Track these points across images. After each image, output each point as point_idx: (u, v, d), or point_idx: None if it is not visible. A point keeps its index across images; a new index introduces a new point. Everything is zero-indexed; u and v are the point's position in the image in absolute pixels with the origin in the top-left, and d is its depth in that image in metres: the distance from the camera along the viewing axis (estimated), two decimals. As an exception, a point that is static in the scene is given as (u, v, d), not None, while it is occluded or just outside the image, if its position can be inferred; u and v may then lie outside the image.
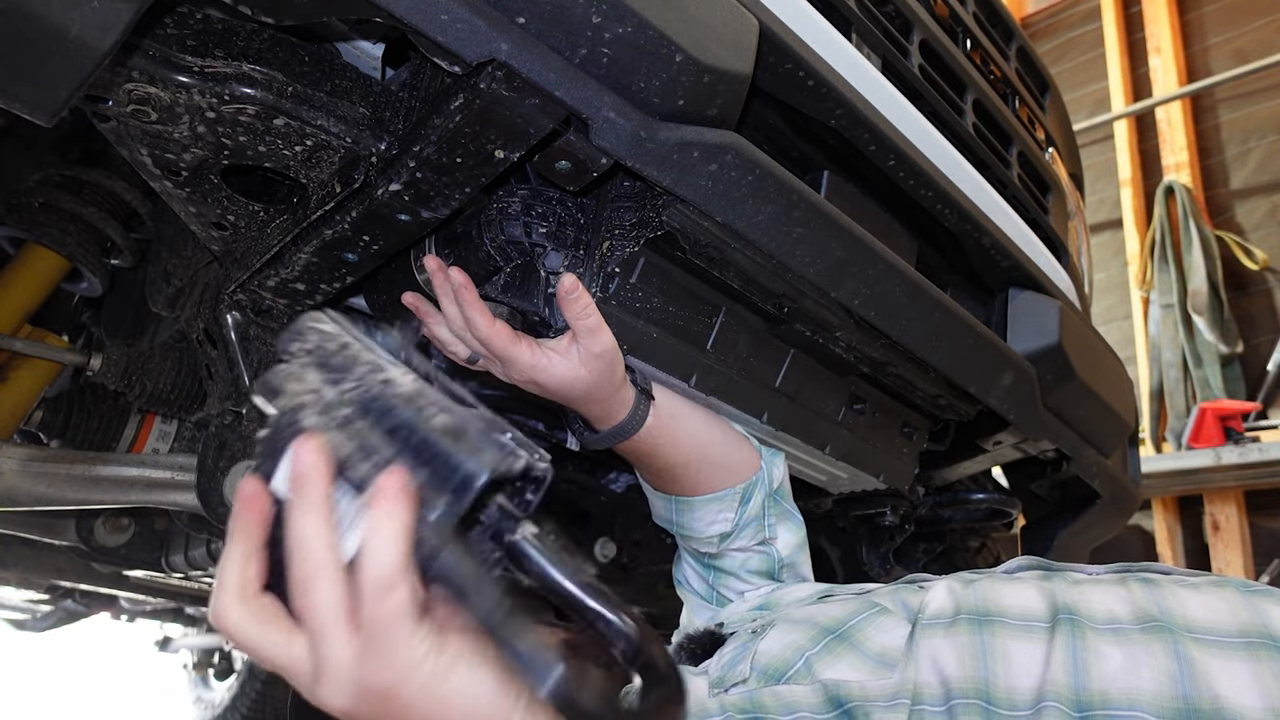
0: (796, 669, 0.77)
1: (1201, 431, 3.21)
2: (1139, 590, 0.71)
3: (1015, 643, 0.70)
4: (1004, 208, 1.21)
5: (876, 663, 0.74)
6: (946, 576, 0.86)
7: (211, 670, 3.66)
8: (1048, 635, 0.69)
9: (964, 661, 0.70)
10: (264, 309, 1.04)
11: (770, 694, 0.75)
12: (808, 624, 0.82)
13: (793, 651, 0.79)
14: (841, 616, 0.81)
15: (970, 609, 0.74)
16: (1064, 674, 0.66)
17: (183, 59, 0.75)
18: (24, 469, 1.08)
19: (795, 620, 0.84)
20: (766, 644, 0.81)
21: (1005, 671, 0.68)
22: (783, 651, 0.79)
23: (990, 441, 1.37)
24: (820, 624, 0.81)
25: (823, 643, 0.78)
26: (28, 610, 2.94)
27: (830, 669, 0.75)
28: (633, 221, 0.87)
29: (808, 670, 0.76)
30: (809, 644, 0.79)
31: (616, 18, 0.68)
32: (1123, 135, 4.17)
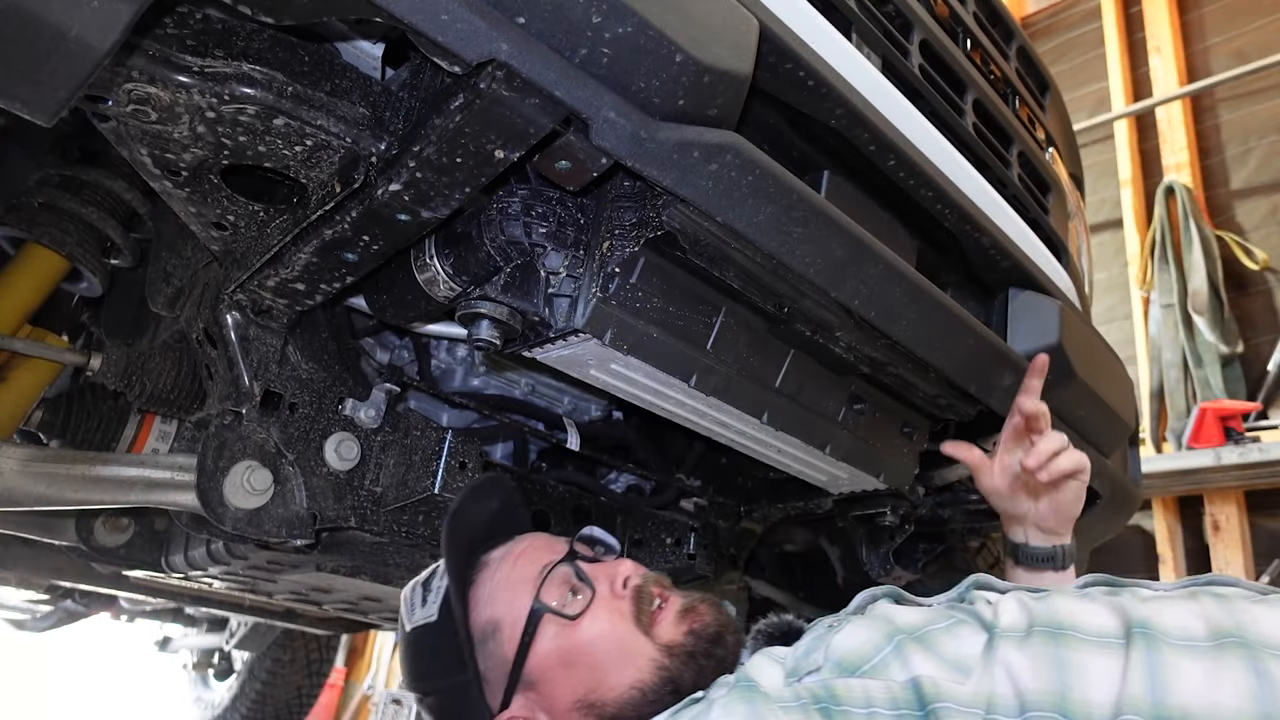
0: (873, 664, 0.77)
1: (1201, 431, 3.21)
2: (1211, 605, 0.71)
3: (1091, 657, 0.70)
4: (1004, 208, 1.21)
5: (953, 668, 0.74)
6: (1014, 590, 0.87)
7: (211, 670, 3.66)
8: (1123, 650, 0.69)
9: (1039, 674, 0.70)
10: (264, 309, 1.04)
11: (844, 685, 0.76)
12: (884, 622, 0.82)
13: (870, 647, 0.79)
14: (918, 621, 0.81)
15: (1044, 622, 0.74)
16: (1142, 688, 0.65)
17: (183, 59, 0.75)
18: (24, 469, 1.08)
19: (872, 618, 0.84)
20: (842, 637, 0.82)
21: (1082, 684, 0.68)
22: (859, 646, 0.80)
23: (990, 442, 1.37)
24: (897, 624, 0.81)
25: (897, 640, 0.79)
26: (28, 610, 2.94)
27: (905, 667, 0.75)
28: (633, 221, 0.87)
29: (883, 667, 0.76)
30: (885, 641, 0.79)
31: (616, 18, 0.68)
32: (1123, 135, 4.17)
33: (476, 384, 1.44)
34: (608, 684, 0.88)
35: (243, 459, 1.03)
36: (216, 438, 1.03)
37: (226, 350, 1.05)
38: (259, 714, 3.25)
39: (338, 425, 1.11)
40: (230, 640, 3.23)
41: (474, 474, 1.13)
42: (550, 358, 0.98)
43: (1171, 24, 4.18)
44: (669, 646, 0.89)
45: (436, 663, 0.94)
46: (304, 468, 1.08)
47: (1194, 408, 3.36)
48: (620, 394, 1.03)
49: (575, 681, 0.89)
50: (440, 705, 0.95)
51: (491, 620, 0.92)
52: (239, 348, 1.04)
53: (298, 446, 1.08)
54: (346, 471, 1.12)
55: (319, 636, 3.26)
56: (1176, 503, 3.53)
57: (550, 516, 1.37)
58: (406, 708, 5.03)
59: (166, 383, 1.24)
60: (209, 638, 3.43)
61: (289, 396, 1.08)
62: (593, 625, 0.89)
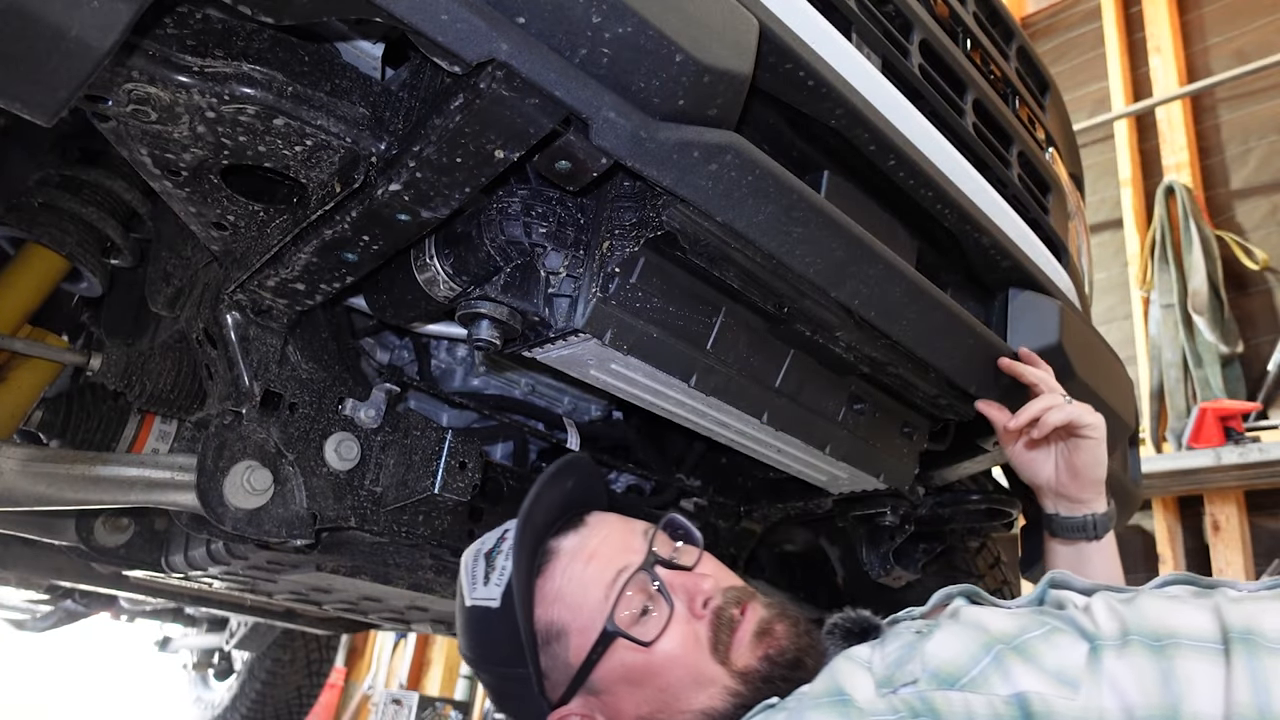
0: (971, 676, 0.74)
1: (1201, 431, 3.21)
2: None
3: (1195, 666, 0.68)
4: (1004, 208, 1.21)
5: (1056, 679, 0.72)
6: (1099, 590, 0.85)
7: (211, 670, 3.66)
8: (1224, 657, 0.68)
9: (1147, 689, 0.68)
10: (264, 309, 1.04)
11: (943, 698, 0.73)
12: (979, 630, 0.79)
13: (967, 658, 0.76)
14: (1013, 629, 0.79)
15: (1140, 630, 0.73)
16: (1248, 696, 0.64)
17: (182, 59, 0.75)
18: (24, 469, 1.08)
19: (964, 624, 0.81)
20: (935, 646, 0.78)
21: (1190, 697, 0.66)
22: (955, 656, 0.77)
23: (990, 441, 1.37)
24: (992, 633, 0.78)
25: (995, 650, 0.76)
26: (28, 610, 2.94)
27: (1007, 680, 0.72)
28: (633, 221, 0.87)
29: (983, 680, 0.73)
30: (982, 652, 0.76)
31: (616, 18, 0.68)
32: (1123, 135, 4.17)
33: (476, 384, 1.45)
34: (675, 707, 0.86)
35: (243, 459, 1.03)
36: (216, 438, 1.03)
37: (226, 350, 1.05)
38: (259, 714, 3.25)
39: (338, 425, 1.11)
40: (230, 640, 3.23)
41: (474, 474, 1.13)
42: (550, 358, 0.98)
43: (1171, 24, 4.18)
44: (744, 673, 0.86)
45: (496, 649, 0.92)
46: (304, 468, 1.08)
47: (1194, 408, 3.36)
48: (620, 394, 1.03)
49: (641, 699, 0.87)
50: (496, 686, 0.94)
51: (558, 624, 0.89)
52: (239, 348, 1.04)
53: (298, 446, 1.08)
54: (346, 471, 1.11)
55: (319, 636, 3.26)
56: (1176, 503, 3.53)
57: (550, 516, 1.37)
58: (406, 708, 5.03)
59: (166, 383, 1.24)
60: (209, 638, 3.43)
61: (289, 396, 1.08)
62: (667, 649, 0.86)
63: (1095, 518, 1.11)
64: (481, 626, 0.92)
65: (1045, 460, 1.13)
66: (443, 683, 5.77)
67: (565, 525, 0.97)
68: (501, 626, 0.89)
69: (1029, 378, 1.12)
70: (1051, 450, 1.13)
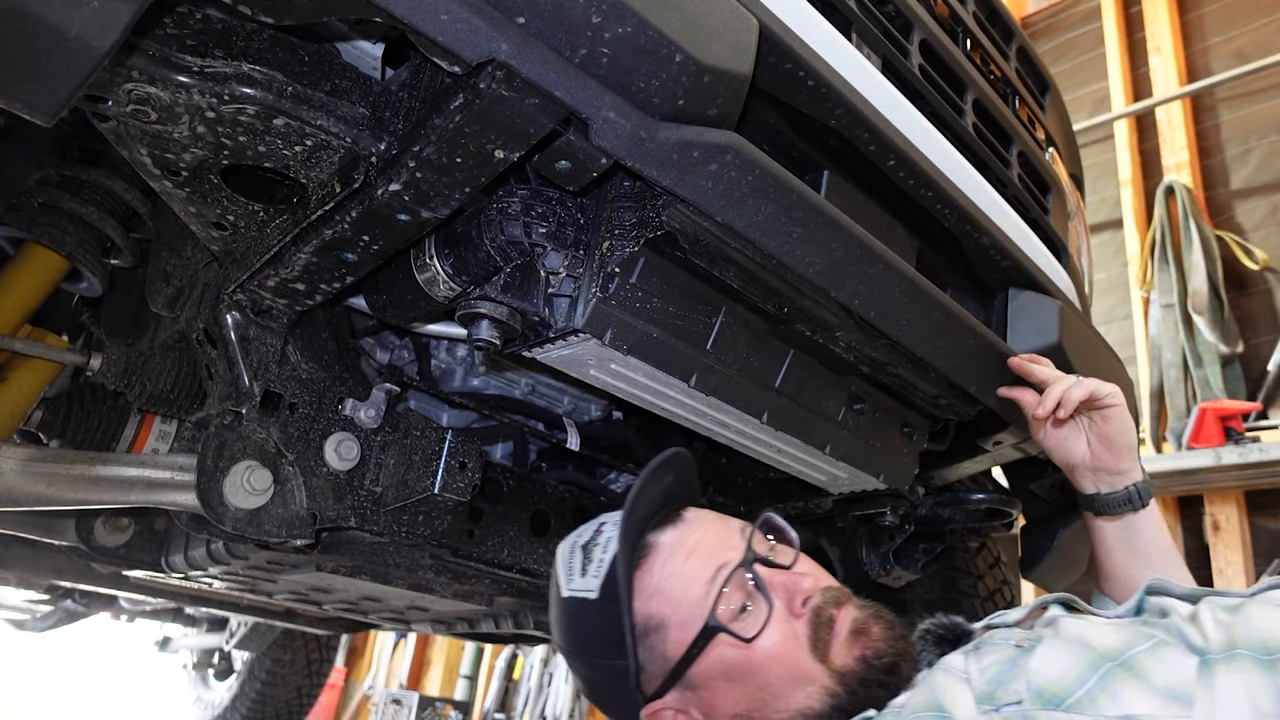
0: (1078, 697, 0.72)
1: (1201, 431, 3.21)
2: None
3: None
4: (1004, 208, 1.21)
5: (1167, 697, 0.69)
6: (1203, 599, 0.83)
7: (211, 670, 3.66)
8: None
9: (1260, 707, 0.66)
10: (264, 309, 1.04)
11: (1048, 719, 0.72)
12: (1081, 646, 0.78)
13: (1072, 677, 0.74)
14: (1117, 644, 0.77)
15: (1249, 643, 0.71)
16: None
17: (182, 59, 0.75)
18: (24, 469, 1.08)
19: (1066, 639, 0.80)
20: (1039, 663, 0.77)
21: None
22: (1060, 675, 0.75)
23: (990, 441, 1.37)
24: (1097, 649, 0.77)
25: (1103, 669, 0.74)
26: (28, 610, 2.94)
27: (1115, 701, 0.71)
28: (633, 221, 0.87)
29: (1090, 701, 0.72)
30: (1088, 671, 0.74)
31: (616, 18, 0.68)
32: (1123, 135, 4.17)
33: (476, 384, 1.45)
34: (774, 705, 0.86)
35: (243, 459, 1.03)
36: (216, 438, 1.03)
37: (226, 350, 1.05)
38: (259, 714, 3.25)
39: (338, 425, 1.11)
40: (230, 640, 3.23)
41: (474, 474, 1.13)
42: (550, 358, 0.98)
43: (1171, 24, 4.18)
44: (841, 673, 0.85)
45: (593, 640, 0.92)
46: (304, 468, 1.08)
47: (1194, 408, 3.36)
48: (620, 394, 1.03)
49: (739, 696, 0.87)
50: (590, 676, 0.94)
51: (658, 617, 0.89)
52: (239, 348, 1.04)
53: (298, 446, 1.08)
54: (346, 471, 1.11)
55: (319, 636, 3.26)
56: (1176, 503, 3.53)
57: (550, 516, 1.37)
58: (406, 708, 5.03)
59: (166, 383, 1.24)
60: (209, 638, 3.43)
61: (289, 396, 1.08)
62: (767, 646, 0.86)
63: (1137, 486, 1.09)
64: (578, 617, 0.93)
65: (1077, 439, 1.12)
66: (443, 683, 5.77)
67: (663, 520, 0.97)
68: (599, 617, 0.90)
69: (1039, 375, 1.12)
70: (1080, 428, 1.12)
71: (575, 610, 0.93)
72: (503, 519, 1.31)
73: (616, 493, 1.54)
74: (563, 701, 4.88)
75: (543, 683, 5.10)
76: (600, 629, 0.90)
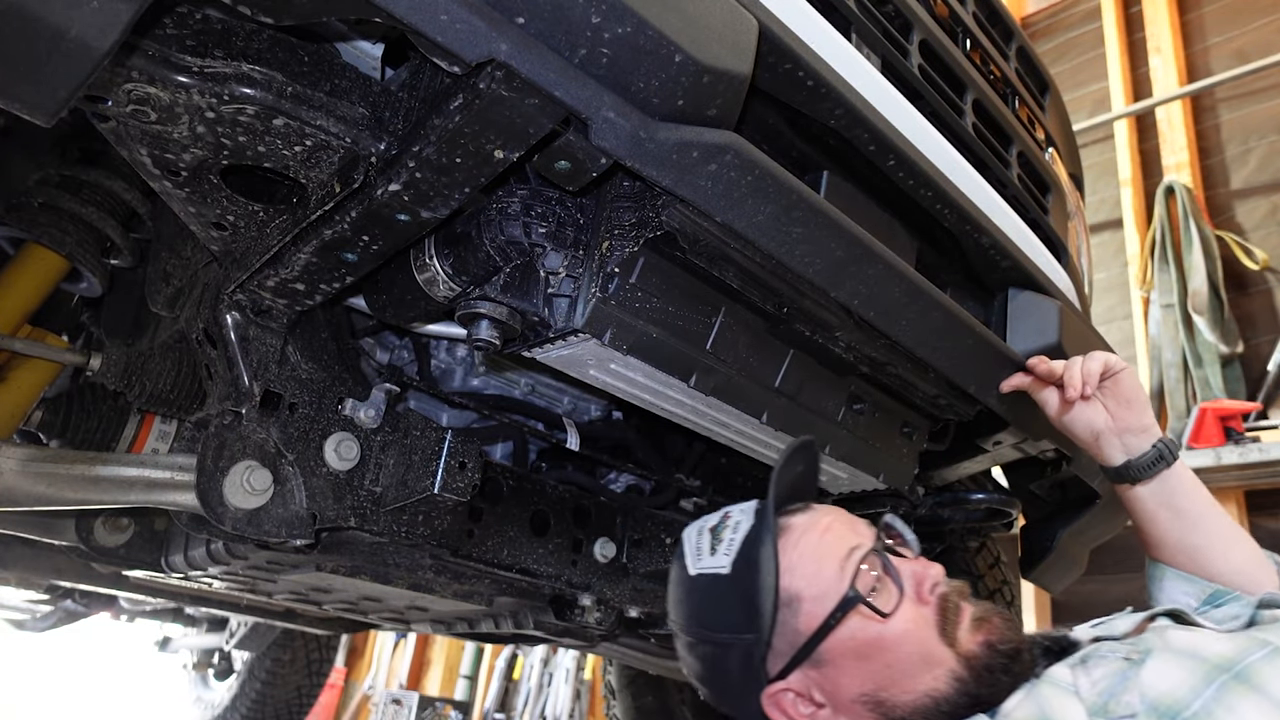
0: (1194, 710, 0.72)
1: (1201, 431, 3.21)
2: None
3: None
4: (1004, 208, 1.21)
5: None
6: None
7: (211, 670, 3.66)
8: None
9: None
10: (264, 309, 1.04)
11: None
12: (1194, 659, 0.78)
13: (1187, 690, 0.74)
14: (1231, 654, 0.77)
15: None
16: None
17: (182, 59, 0.75)
18: (24, 469, 1.08)
19: (1177, 651, 0.80)
20: (1152, 676, 0.77)
21: None
22: (1174, 689, 0.75)
23: (990, 441, 1.37)
24: (1210, 660, 0.77)
25: (1217, 682, 0.74)
26: (28, 610, 2.94)
27: (1233, 714, 0.71)
28: (632, 221, 0.87)
29: (1207, 714, 0.72)
30: (1202, 684, 0.74)
31: (616, 18, 0.68)
32: (1123, 135, 4.17)
33: (476, 384, 1.45)
34: (902, 686, 0.87)
35: (242, 459, 1.03)
36: (216, 438, 1.03)
37: (226, 350, 1.05)
38: (259, 714, 3.25)
39: (337, 425, 1.11)
40: (230, 640, 3.23)
41: (473, 474, 1.13)
42: (550, 358, 0.98)
43: (1171, 24, 4.18)
44: (968, 657, 0.87)
45: (721, 615, 0.93)
46: (304, 468, 1.08)
47: (1194, 408, 3.36)
48: (620, 394, 1.03)
49: (867, 675, 0.88)
50: (711, 655, 0.95)
51: (792, 591, 0.90)
52: (239, 348, 1.04)
53: (297, 446, 1.08)
54: (346, 471, 1.11)
55: (319, 636, 3.26)
56: (1176, 503, 3.53)
57: (550, 516, 1.37)
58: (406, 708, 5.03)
59: (166, 383, 1.24)
60: (209, 638, 3.43)
61: (289, 396, 1.08)
62: (899, 625, 0.87)
63: (1164, 441, 1.09)
64: (707, 594, 0.94)
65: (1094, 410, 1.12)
66: (443, 683, 5.77)
67: (792, 508, 0.99)
68: (730, 593, 0.91)
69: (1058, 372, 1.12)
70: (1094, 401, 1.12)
71: (705, 586, 0.94)
72: (503, 519, 1.31)
73: (616, 492, 1.54)
74: (563, 701, 4.88)
75: (543, 683, 5.09)
76: (730, 603, 0.91)
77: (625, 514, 1.49)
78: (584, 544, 1.41)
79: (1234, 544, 1.05)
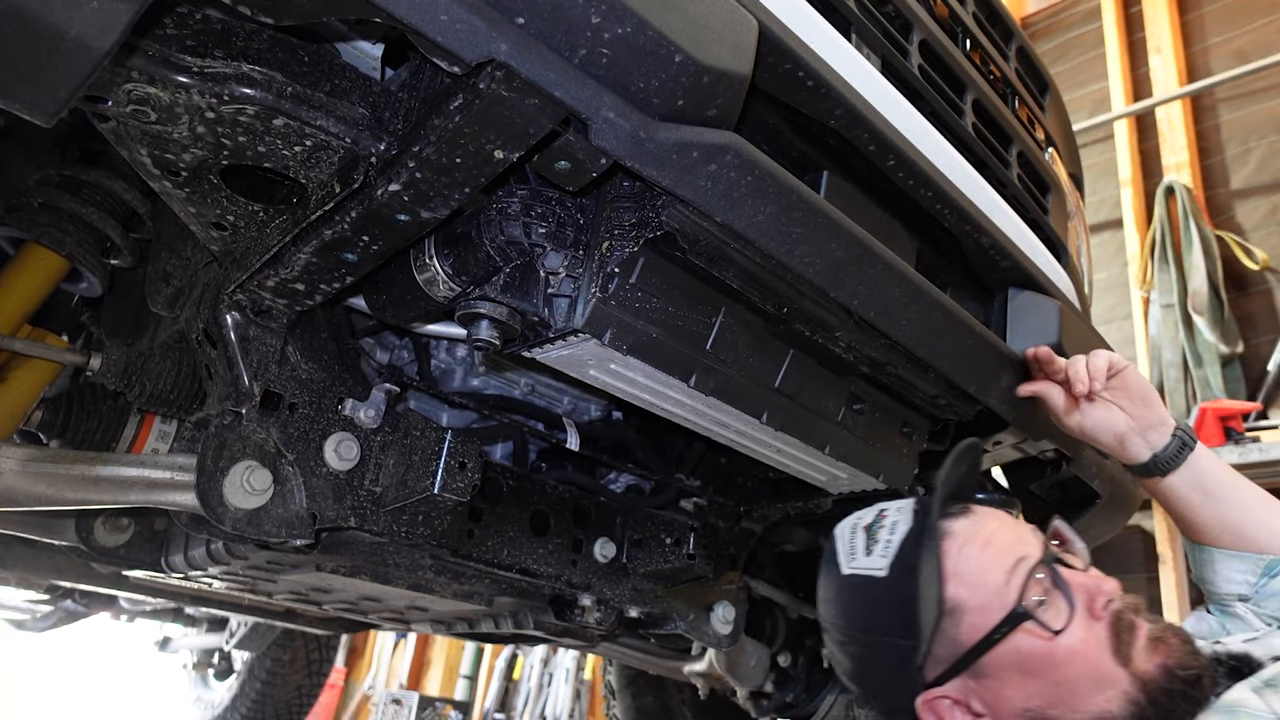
0: None
1: (1201, 431, 3.21)
2: None
3: None
4: (1004, 208, 1.21)
5: None
6: None
7: (211, 670, 3.66)
8: None
9: None
10: (264, 309, 1.04)
11: None
12: None
13: None
14: None
15: None
16: None
17: (182, 59, 0.75)
18: (24, 469, 1.08)
19: None
20: None
21: None
22: None
23: (990, 441, 1.37)
24: None
25: None
26: (28, 610, 2.94)
27: None
28: (632, 221, 0.87)
29: None
30: None
31: (616, 18, 0.68)
32: (1123, 135, 4.17)
33: (476, 384, 1.45)
34: (1070, 705, 0.84)
35: (242, 459, 1.03)
36: (216, 438, 1.03)
37: (226, 350, 1.05)
38: (259, 714, 3.25)
39: (337, 425, 1.11)
40: (230, 640, 3.23)
41: (473, 474, 1.13)
42: (550, 358, 0.98)
43: (1171, 24, 4.18)
44: (1144, 680, 0.84)
45: (875, 618, 0.91)
46: (304, 468, 1.08)
47: (1194, 408, 3.36)
48: (620, 394, 1.03)
49: (1031, 691, 0.85)
50: (863, 656, 0.93)
51: (953, 600, 0.88)
52: (239, 348, 1.04)
53: (297, 446, 1.08)
54: (346, 471, 1.12)
55: (319, 636, 3.26)
56: (1176, 503, 3.53)
57: (550, 516, 1.37)
58: (406, 708, 5.03)
59: (166, 383, 1.24)
60: (209, 638, 3.43)
61: (289, 396, 1.08)
62: (1070, 643, 0.84)
63: (1181, 428, 1.09)
64: (860, 595, 0.92)
65: (1110, 410, 1.11)
66: (443, 683, 5.77)
67: (953, 511, 0.97)
68: (886, 596, 0.89)
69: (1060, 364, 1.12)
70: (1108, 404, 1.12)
71: (858, 587, 0.92)
72: (502, 519, 1.31)
73: (616, 493, 1.54)
74: (563, 701, 4.88)
75: (543, 683, 5.10)
76: (886, 607, 0.89)
77: (625, 514, 1.49)
78: (584, 544, 1.41)
79: (1272, 510, 1.05)
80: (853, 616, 0.93)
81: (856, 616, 0.93)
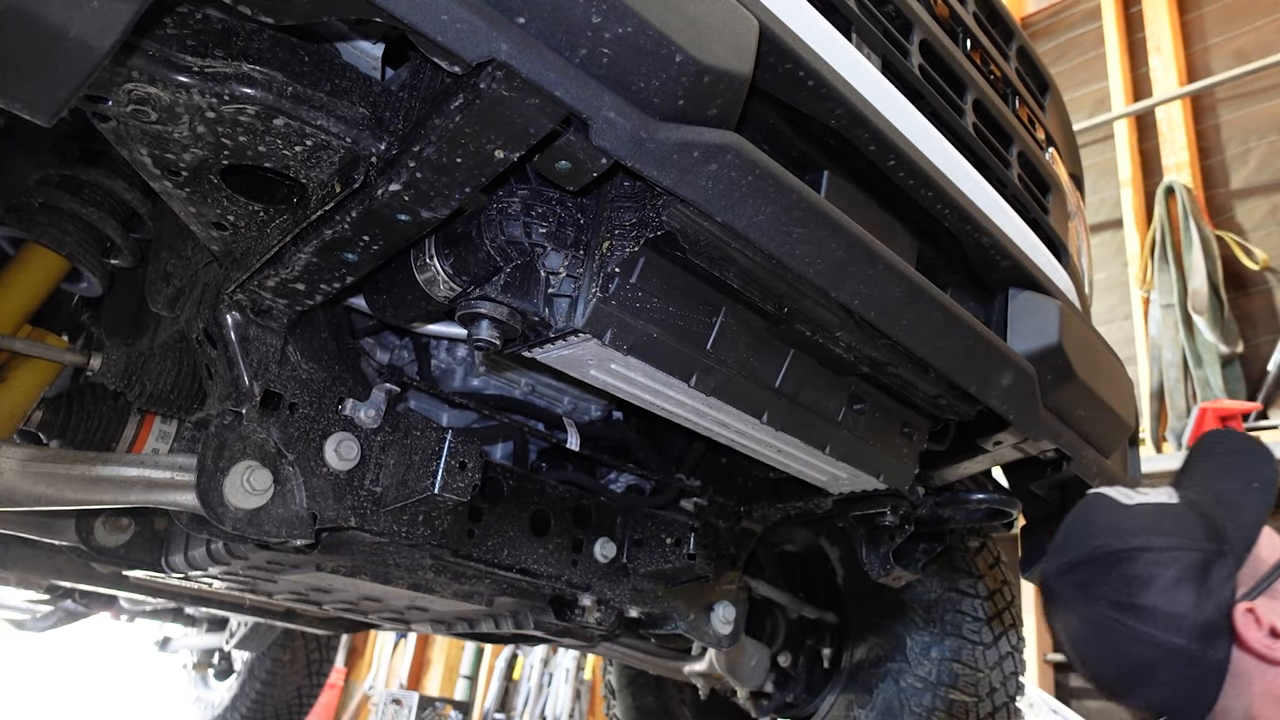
0: None
1: (1201, 431, 3.21)
2: None
3: None
4: (1004, 208, 1.21)
5: None
6: None
7: (211, 670, 3.66)
8: None
9: None
10: (264, 309, 1.04)
11: None
12: None
13: None
14: None
15: None
16: None
17: (182, 59, 0.75)
18: (24, 469, 1.08)
19: None
20: None
21: None
22: None
23: (990, 441, 1.37)
24: None
25: None
26: (28, 610, 2.94)
27: None
28: (633, 221, 0.87)
29: None
30: None
31: (616, 18, 0.68)
32: (1123, 135, 4.17)
33: (476, 384, 1.45)
34: None
35: (243, 459, 1.03)
36: (216, 438, 1.03)
37: (226, 350, 1.05)
38: (259, 714, 3.25)
39: (338, 425, 1.11)
40: (230, 640, 3.23)
41: (474, 474, 1.13)
42: (550, 358, 0.98)
43: (1171, 24, 4.18)
44: None
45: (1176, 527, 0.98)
46: (304, 468, 1.08)
47: (1194, 408, 3.36)
48: (620, 394, 1.03)
49: None
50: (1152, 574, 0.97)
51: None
52: (239, 348, 1.04)
53: (298, 446, 1.08)
54: (346, 471, 1.11)
55: (319, 636, 3.27)
56: (1176, 503, 3.53)
57: (550, 516, 1.37)
58: (406, 708, 5.03)
59: (166, 383, 1.24)
60: (209, 638, 3.43)
61: (289, 396, 1.08)
62: None
63: None
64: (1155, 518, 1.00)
65: None
66: (443, 683, 5.77)
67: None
68: (1188, 513, 0.98)
69: None
70: None
71: (1149, 511, 1.00)
72: (503, 519, 1.31)
73: (616, 493, 1.54)
74: (563, 701, 4.88)
75: (543, 683, 5.10)
76: (1187, 521, 0.97)
77: (625, 514, 1.49)
78: (584, 544, 1.41)
79: None
80: (1137, 530, 1.00)
81: (1142, 529, 1.00)
